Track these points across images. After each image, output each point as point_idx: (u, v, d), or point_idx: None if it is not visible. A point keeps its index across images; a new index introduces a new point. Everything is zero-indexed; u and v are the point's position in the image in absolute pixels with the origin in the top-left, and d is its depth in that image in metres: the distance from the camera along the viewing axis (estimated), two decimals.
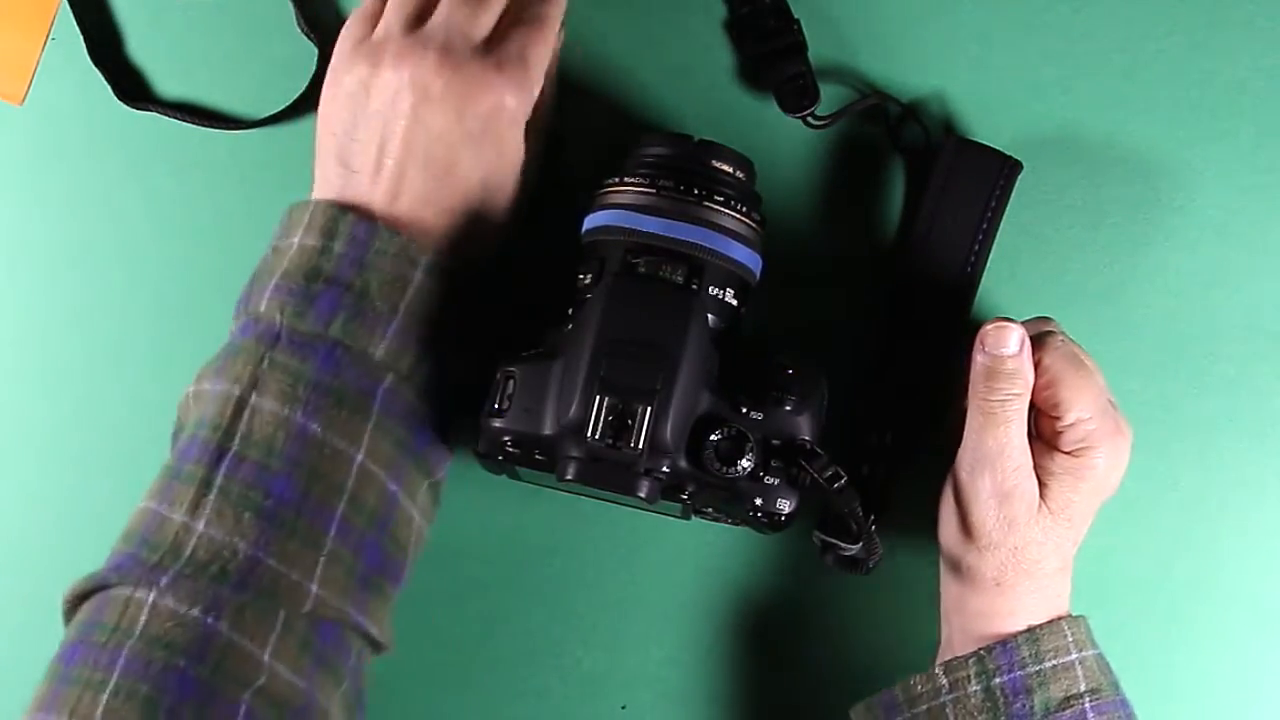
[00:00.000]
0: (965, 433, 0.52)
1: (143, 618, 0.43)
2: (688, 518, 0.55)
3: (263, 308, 0.48)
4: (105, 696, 0.41)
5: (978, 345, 0.51)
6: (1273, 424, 0.60)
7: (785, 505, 0.52)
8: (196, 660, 0.42)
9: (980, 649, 0.50)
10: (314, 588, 0.45)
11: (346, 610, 0.46)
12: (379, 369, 0.47)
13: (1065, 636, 0.50)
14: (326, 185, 0.52)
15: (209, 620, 0.43)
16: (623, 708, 0.60)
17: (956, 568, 0.52)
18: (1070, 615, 0.52)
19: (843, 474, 0.51)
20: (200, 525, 0.45)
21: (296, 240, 0.49)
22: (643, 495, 0.50)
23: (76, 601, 0.47)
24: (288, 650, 0.44)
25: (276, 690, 0.43)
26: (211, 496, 0.45)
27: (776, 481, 0.51)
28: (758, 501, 0.51)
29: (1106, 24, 0.61)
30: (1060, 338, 0.52)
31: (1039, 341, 0.52)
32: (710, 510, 0.54)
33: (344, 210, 0.49)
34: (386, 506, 0.48)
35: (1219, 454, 0.60)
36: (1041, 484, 0.51)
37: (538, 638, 0.60)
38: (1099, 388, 0.51)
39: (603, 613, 0.60)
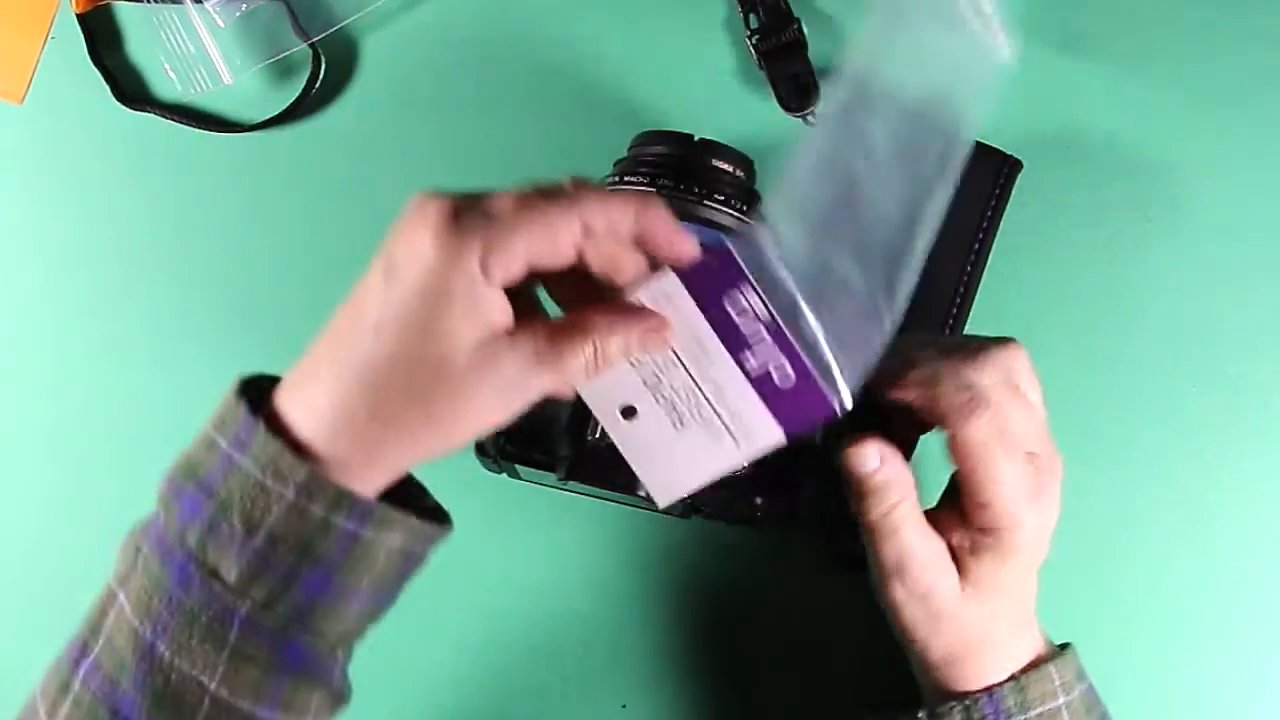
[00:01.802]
0: (866, 544, 0.48)
1: None
2: (687, 516, 0.55)
3: (162, 482, 0.43)
4: None
5: (842, 465, 0.47)
6: (1273, 424, 0.59)
7: (785, 503, 0.52)
8: None
9: (966, 698, 0.48)
10: None
11: None
12: (232, 593, 0.40)
13: (1052, 681, 0.48)
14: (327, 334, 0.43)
15: None
16: (623, 707, 0.60)
17: (908, 647, 0.50)
18: (1057, 652, 0.49)
19: None
20: None
21: (209, 420, 0.43)
22: (643, 494, 0.50)
23: None
24: None
25: None
26: (67, 703, 0.41)
27: (776, 482, 0.51)
28: (757, 500, 0.51)
29: (1107, 24, 0.61)
30: (987, 411, 0.45)
31: (961, 411, 0.45)
32: (710, 509, 0.54)
33: (241, 396, 0.42)
34: None
35: (1219, 454, 0.59)
36: (961, 563, 0.47)
37: (538, 637, 0.60)
38: (1022, 462, 0.46)
39: (603, 613, 0.60)
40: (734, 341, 0.43)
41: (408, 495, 0.45)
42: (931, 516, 0.48)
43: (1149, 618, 0.59)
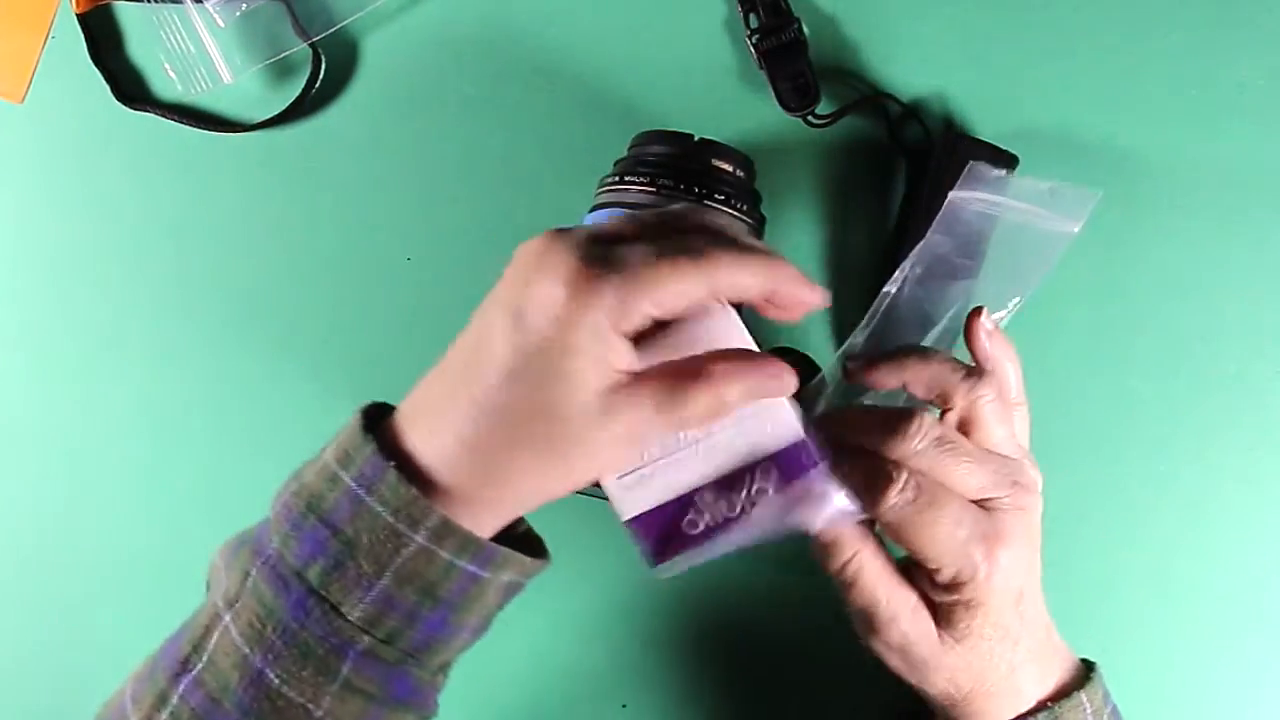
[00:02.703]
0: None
1: None
2: None
3: (273, 511, 0.43)
4: None
5: None
6: (1273, 424, 0.59)
7: None
8: None
9: None
10: None
11: None
12: (353, 629, 0.41)
13: (1084, 709, 0.47)
14: (450, 372, 0.42)
15: None
16: (623, 706, 0.60)
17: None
18: (1085, 676, 0.49)
19: None
20: None
21: (329, 450, 0.43)
22: None
23: None
24: None
25: None
26: (164, 715, 0.42)
27: None
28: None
29: (1106, 23, 0.61)
30: (893, 485, 0.44)
31: (868, 490, 0.44)
32: None
33: (369, 433, 0.41)
34: None
35: (1219, 454, 0.59)
36: (937, 615, 0.47)
37: (538, 638, 0.60)
38: (959, 514, 0.45)
39: (603, 613, 0.60)
40: (723, 484, 0.43)
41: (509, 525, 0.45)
42: (907, 568, 0.48)
43: (1149, 617, 0.59)
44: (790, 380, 0.42)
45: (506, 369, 0.39)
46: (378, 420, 0.42)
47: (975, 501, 0.45)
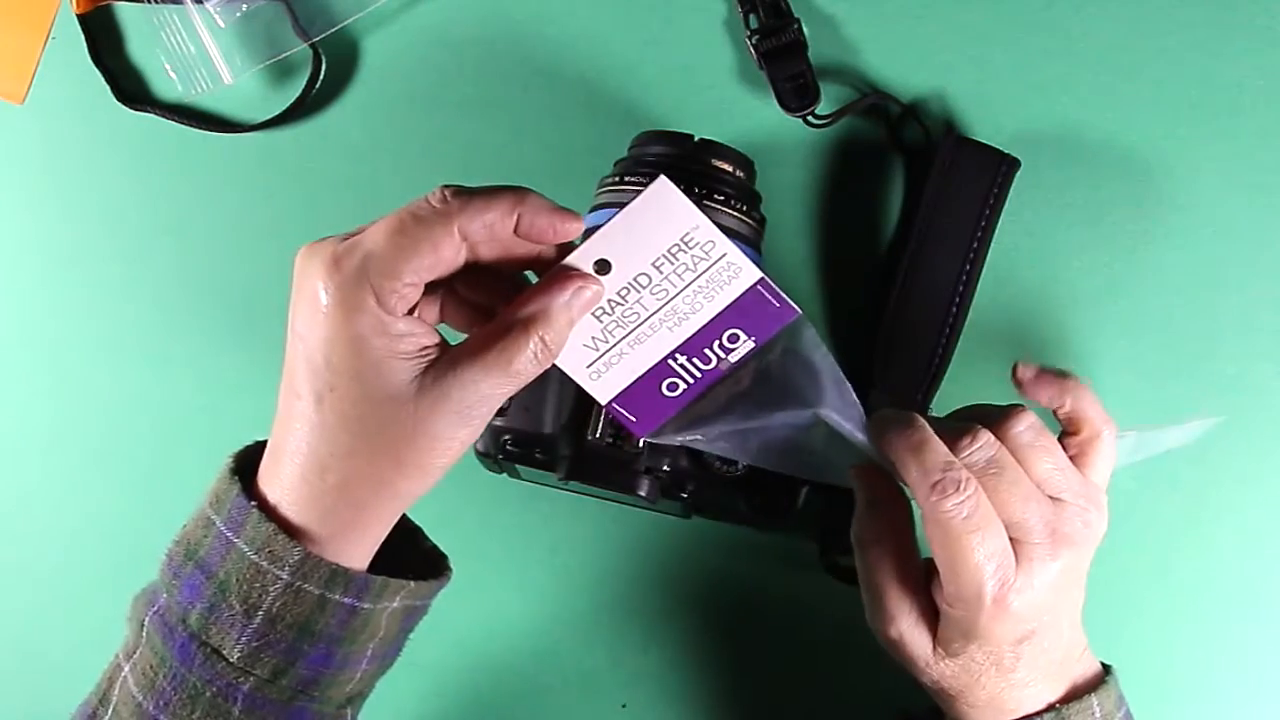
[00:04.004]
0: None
1: None
2: (688, 516, 0.55)
3: (163, 556, 0.43)
4: None
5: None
6: (1273, 424, 0.59)
7: (785, 504, 0.52)
8: None
9: None
10: None
11: None
12: (235, 671, 0.41)
13: (1093, 713, 0.46)
14: (278, 412, 0.43)
15: None
16: (623, 706, 0.60)
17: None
18: (1101, 676, 0.48)
19: None
20: None
21: (205, 497, 0.43)
22: (643, 494, 0.50)
23: None
24: None
25: None
26: None
27: (776, 480, 0.51)
28: (757, 500, 0.51)
29: (1106, 23, 0.61)
30: (956, 494, 0.42)
31: (930, 490, 0.42)
32: (710, 508, 0.54)
33: (235, 476, 0.42)
34: None
35: (1219, 454, 0.59)
36: (937, 621, 0.46)
37: (538, 638, 0.60)
38: (994, 544, 0.43)
39: (603, 613, 0.60)
40: (695, 342, 0.43)
41: (403, 544, 0.45)
42: (930, 568, 0.46)
43: (1149, 617, 0.59)
44: (593, 283, 0.42)
45: (316, 396, 0.40)
46: (256, 462, 0.43)
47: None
